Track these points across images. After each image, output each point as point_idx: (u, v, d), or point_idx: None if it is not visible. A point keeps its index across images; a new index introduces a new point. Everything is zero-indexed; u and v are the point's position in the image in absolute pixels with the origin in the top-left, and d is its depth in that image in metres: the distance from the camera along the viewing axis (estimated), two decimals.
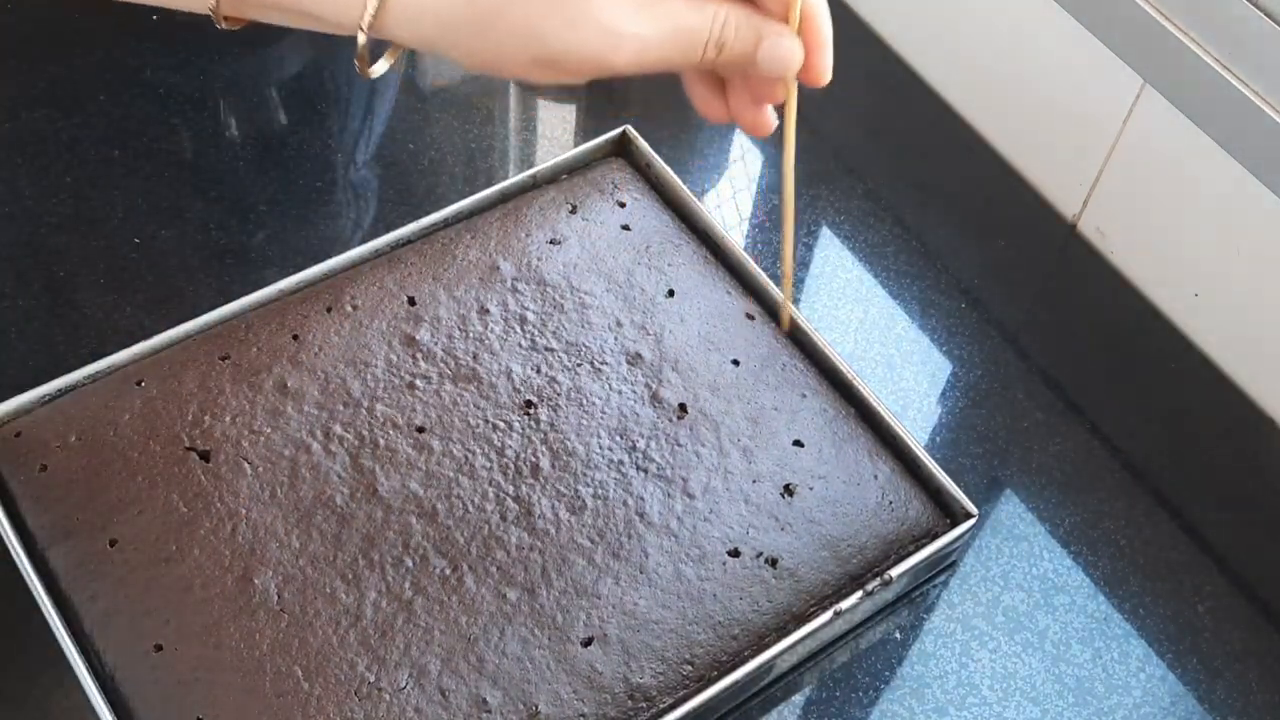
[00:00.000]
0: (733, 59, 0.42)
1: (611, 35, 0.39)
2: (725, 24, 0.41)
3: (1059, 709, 0.55)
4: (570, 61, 0.40)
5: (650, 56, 0.41)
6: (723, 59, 0.42)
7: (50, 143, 0.70)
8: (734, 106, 0.46)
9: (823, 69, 0.44)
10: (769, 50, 0.42)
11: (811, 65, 0.44)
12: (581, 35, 0.39)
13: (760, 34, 0.42)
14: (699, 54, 0.42)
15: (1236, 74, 0.60)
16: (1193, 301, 0.68)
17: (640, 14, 0.40)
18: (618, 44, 0.40)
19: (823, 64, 0.44)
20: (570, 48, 0.39)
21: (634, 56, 0.40)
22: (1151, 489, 0.63)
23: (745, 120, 0.47)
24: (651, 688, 0.51)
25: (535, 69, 0.40)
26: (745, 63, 0.43)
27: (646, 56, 0.41)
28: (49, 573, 0.53)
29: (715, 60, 0.42)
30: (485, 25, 0.39)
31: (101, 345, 0.60)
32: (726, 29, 0.41)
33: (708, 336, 0.61)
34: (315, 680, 0.50)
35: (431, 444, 0.56)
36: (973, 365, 0.67)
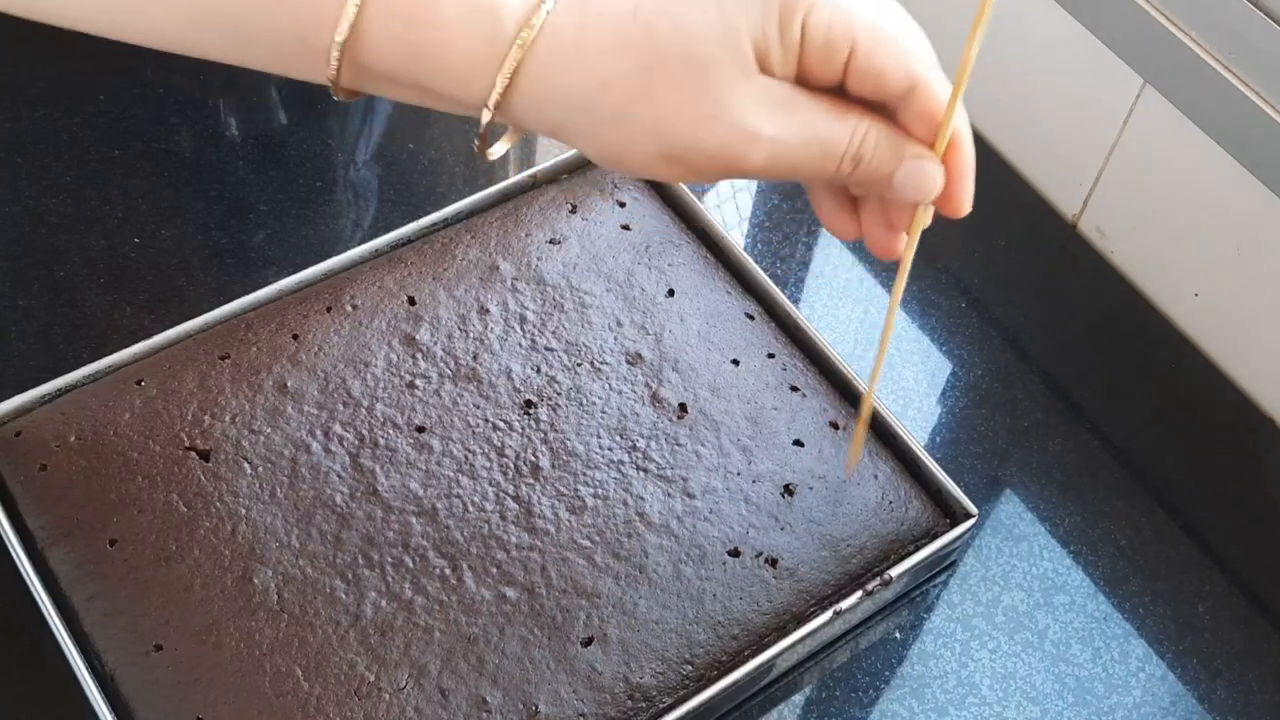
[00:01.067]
0: (869, 176, 0.40)
1: (747, 137, 0.37)
2: (866, 138, 0.39)
3: (1059, 709, 0.55)
4: (700, 160, 0.38)
5: (783, 162, 0.39)
6: (858, 175, 0.40)
7: (50, 143, 0.70)
8: (866, 226, 0.44)
9: (963, 199, 0.42)
10: (908, 173, 0.40)
11: (951, 194, 0.41)
12: (715, 134, 0.37)
13: (901, 154, 0.40)
14: (834, 166, 0.39)
15: (1236, 74, 0.60)
16: (1193, 301, 0.68)
17: (778, 116, 0.38)
18: (752, 146, 0.38)
19: (964, 194, 0.42)
20: (703, 146, 0.38)
21: (766, 160, 0.38)
22: (1151, 489, 0.63)
23: (875, 243, 0.44)
24: (651, 688, 0.51)
25: (663, 165, 0.38)
26: (881, 182, 0.40)
27: (779, 162, 0.39)
28: (49, 573, 0.53)
29: (850, 175, 0.40)
30: (616, 115, 0.37)
31: (101, 345, 0.60)
32: (866, 143, 0.39)
33: (707, 336, 0.61)
34: (315, 680, 0.50)
35: (431, 444, 0.56)
36: (973, 365, 0.67)
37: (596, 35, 0.37)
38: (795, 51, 0.38)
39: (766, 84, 0.38)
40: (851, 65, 0.38)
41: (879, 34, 0.38)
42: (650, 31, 0.37)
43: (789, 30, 0.37)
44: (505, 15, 0.37)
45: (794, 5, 0.37)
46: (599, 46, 0.37)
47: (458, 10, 0.37)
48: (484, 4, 0.37)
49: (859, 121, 0.39)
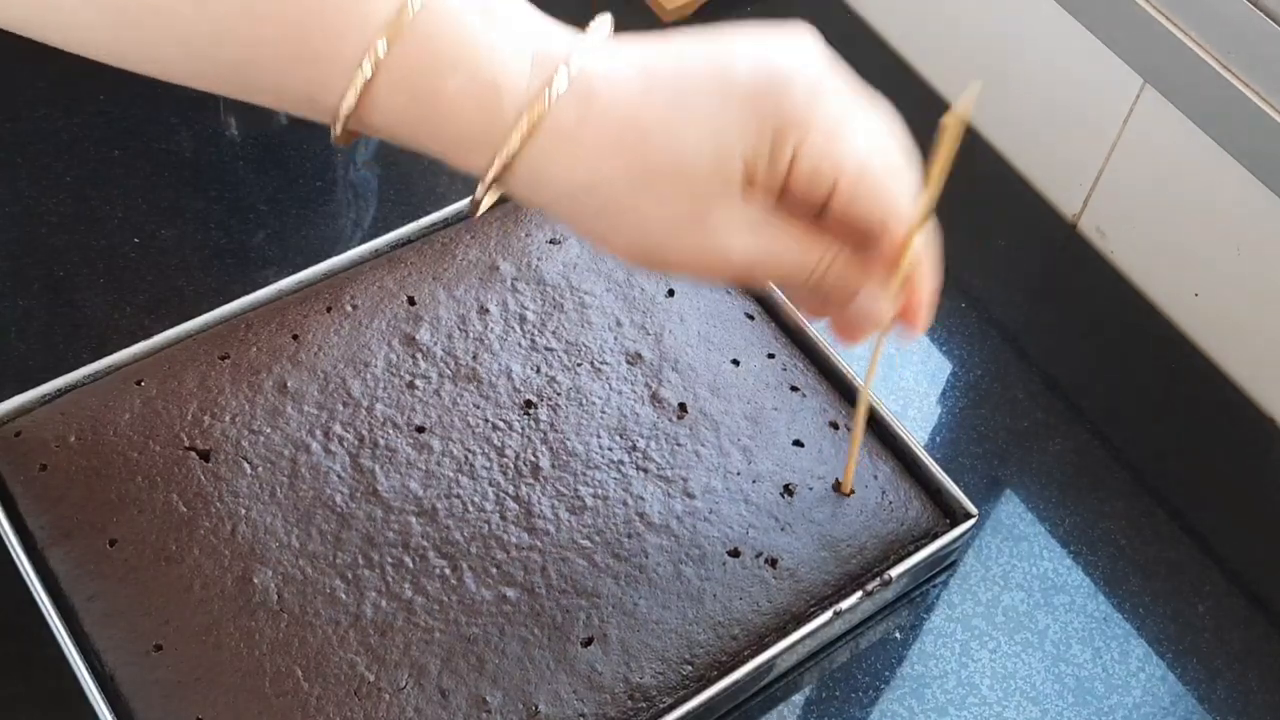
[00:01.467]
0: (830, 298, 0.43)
1: (719, 254, 0.40)
2: (830, 269, 0.41)
3: (1059, 709, 0.55)
4: (673, 263, 0.40)
5: (748, 277, 0.41)
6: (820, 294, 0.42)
7: (50, 143, 0.70)
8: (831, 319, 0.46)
9: (920, 325, 0.45)
10: (858, 307, 0.43)
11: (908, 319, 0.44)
12: (691, 244, 0.39)
13: (858, 285, 0.42)
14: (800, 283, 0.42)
15: (1236, 74, 0.60)
16: (1193, 301, 0.68)
17: (749, 238, 0.40)
18: (724, 259, 0.40)
19: (921, 321, 0.45)
20: (678, 253, 0.40)
21: (736, 275, 0.41)
22: (1151, 489, 0.63)
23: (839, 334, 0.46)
24: (651, 688, 0.51)
25: (639, 260, 0.41)
26: (841, 305, 0.43)
27: (748, 276, 0.41)
28: (49, 573, 0.53)
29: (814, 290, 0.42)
30: (600, 210, 0.39)
31: (101, 345, 0.60)
32: (829, 275, 0.41)
33: (707, 336, 0.61)
34: (315, 680, 0.50)
35: (431, 444, 0.56)
36: (973, 365, 0.67)
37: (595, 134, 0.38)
38: (782, 174, 0.39)
39: (746, 211, 0.40)
40: (834, 198, 0.40)
41: (864, 176, 0.40)
42: (646, 142, 0.38)
43: (780, 155, 0.39)
44: (508, 102, 0.38)
45: (787, 132, 0.38)
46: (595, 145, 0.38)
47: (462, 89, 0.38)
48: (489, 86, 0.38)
49: (824, 253, 0.41)
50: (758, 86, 0.38)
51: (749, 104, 0.38)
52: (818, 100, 0.39)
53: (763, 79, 0.38)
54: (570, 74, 0.37)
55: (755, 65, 0.39)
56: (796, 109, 0.38)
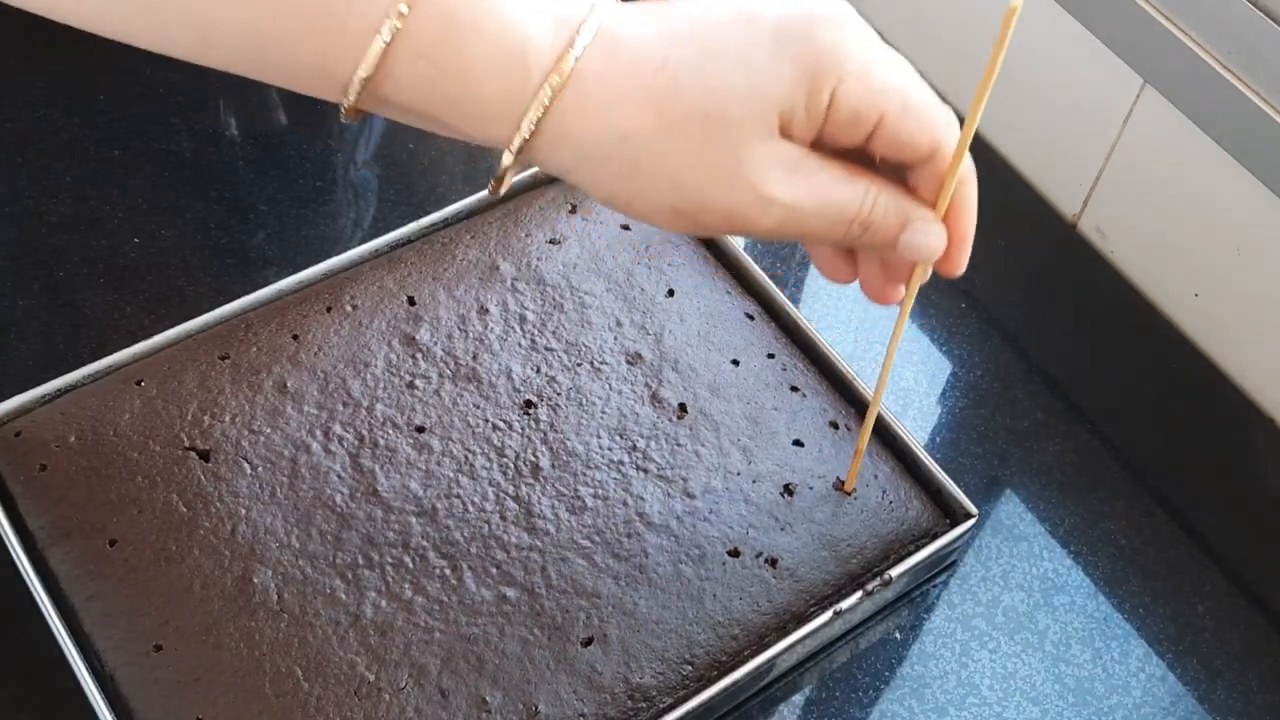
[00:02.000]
0: (876, 239, 0.41)
1: (760, 200, 0.38)
2: (876, 204, 0.40)
3: (1059, 709, 0.55)
4: (712, 218, 0.39)
5: (794, 225, 0.39)
6: (866, 238, 0.41)
7: (50, 143, 0.70)
8: (863, 275, 0.45)
9: (960, 262, 0.43)
10: (912, 236, 0.41)
11: (950, 257, 0.43)
12: (729, 195, 0.38)
13: (907, 217, 0.41)
14: (844, 230, 0.40)
15: (1236, 74, 0.60)
16: (1193, 301, 0.68)
17: (792, 179, 0.38)
18: (764, 210, 0.38)
19: (961, 258, 0.43)
20: (715, 205, 0.38)
21: (778, 223, 0.39)
22: (1151, 489, 0.63)
23: (872, 292, 0.45)
24: (651, 688, 0.51)
25: (673, 219, 0.39)
26: (887, 244, 0.41)
27: (790, 225, 0.39)
28: (49, 573, 0.53)
29: (858, 239, 0.41)
30: (631, 166, 0.38)
31: (101, 345, 0.60)
32: (876, 209, 0.40)
33: (707, 336, 0.61)
34: (315, 680, 0.50)
35: (431, 444, 0.56)
36: (973, 365, 0.67)
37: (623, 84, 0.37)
38: (820, 120, 0.38)
39: (785, 148, 0.38)
40: (879, 133, 0.39)
41: (908, 105, 0.39)
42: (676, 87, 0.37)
43: (817, 100, 0.38)
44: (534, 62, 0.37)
45: (824, 77, 0.37)
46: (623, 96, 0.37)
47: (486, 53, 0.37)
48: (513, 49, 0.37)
49: (869, 187, 0.40)
50: (786, 29, 0.37)
51: (779, 47, 0.37)
52: (846, 41, 0.38)
53: (790, 22, 0.38)
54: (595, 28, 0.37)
55: (782, 9, 0.38)
56: (827, 50, 0.37)
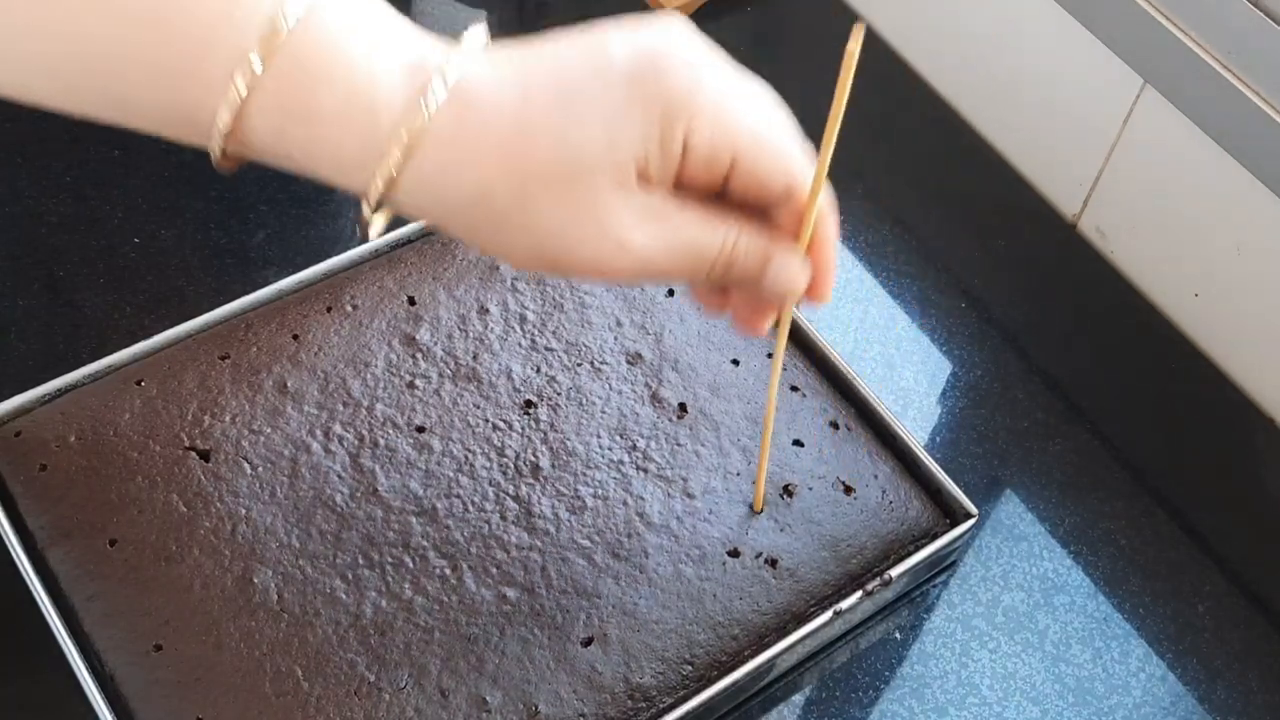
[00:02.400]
0: (740, 278, 0.41)
1: (618, 248, 0.38)
2: (736, 245, 0.40)
3: (1059, 709, 0.55)
4: (574, 267, 0.39)
5: (655, 270, 0.40)
6: (731, 277, 0.41)
7: (50, 143, 0.70)
8: (734, 309, 0.45)
9: (825, 291, 0.44)
10: (775, 274, 0.42)
11: (815, 287, 0.43)
12: (588, 245, 0.38)
13: (769, 255, 0.41)
14: (705, 270, 0.41)
15: (1236, 74, 0.60)
16: (1193, 301, 0.68)
17: (649, 227, 0.39)
18: (624, 257, 0.38)
19: (826, 287, 0.44)
20: (576, 255, 0.38)
21: (637, 269, 0.39)
22: (1151, 489, 0.63)
23: (742, 325, 0.46)
24: (651, 688, 0.51)
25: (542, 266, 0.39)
26: (752, 282, 0.42)
27: (651, 270, 0.40)
28: (49, 573, 0.53)
29: (723, 277, 0.41)
30: (493, 220, 0.38)
31: (101, 345, 0.60)
32: (737, 249, 0.40)
33: (707, 336, 0.61)
34: (315, 680, 0.50)
35: (431, 443, 0.56)
36: (973, 365, 0.67)
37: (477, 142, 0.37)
38: (675, 163, 0.39)
39: (642, 198, 0.38)
40: (734, 173, 0.39)
41: (761, 146, 0.39)
42: (532, 143, 0.37)
43: (670, 145, 0.38)
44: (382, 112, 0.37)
45: (675, 121, 0.38)
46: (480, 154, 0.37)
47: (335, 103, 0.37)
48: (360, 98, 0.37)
49: (729, 229, 0.40)
50: (636, 72, 0.37)
51: (630, 91, 0.37)
52: (698, 78, 0.38)
53: (640, 63, 0.38)
54: (446, 83, 0.37)
55: (630, 52, 0.38)
56: (678, 89, 0.38)
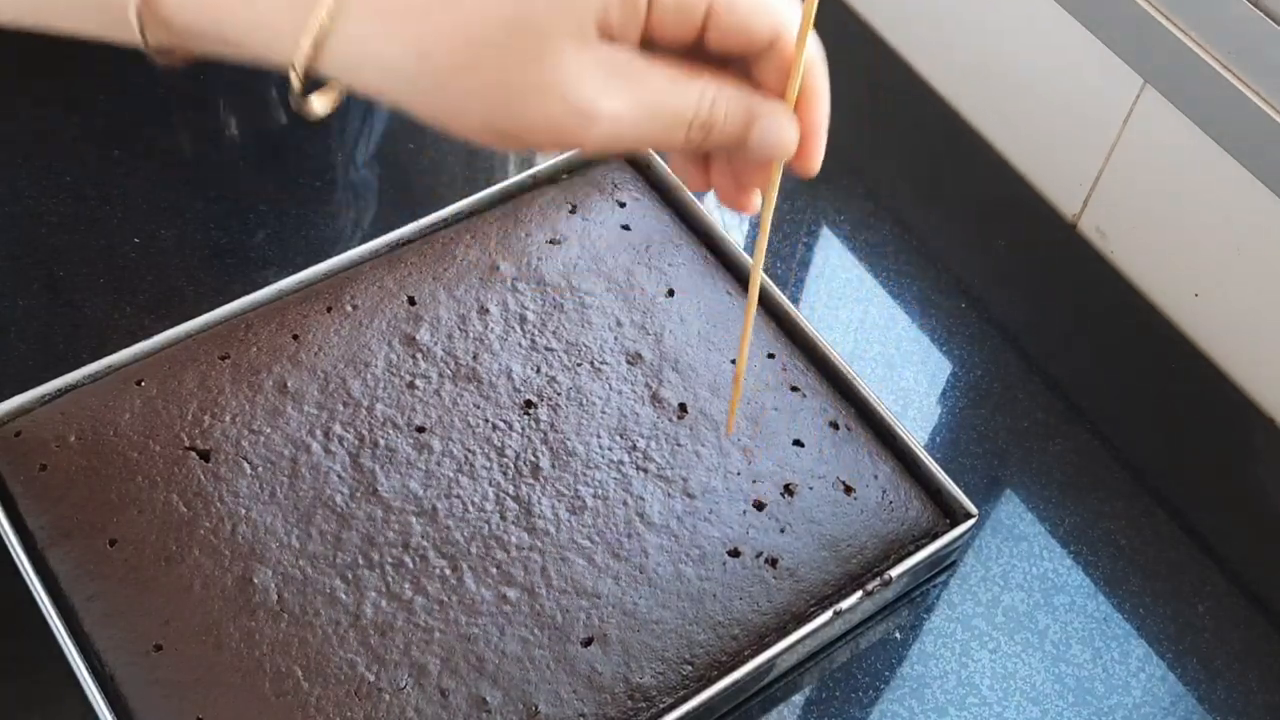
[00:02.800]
0: (722, 141, 0.37)
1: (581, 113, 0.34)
2: (714, 103, 0.36)
3: (1059, 709, 0.55)
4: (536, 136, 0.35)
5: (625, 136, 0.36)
6: (711, 141, 0.37)
7: (50, 143, 0.70)
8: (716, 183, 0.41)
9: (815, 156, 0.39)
10: (761, 134, 0.37)
11: (804, 151, 0.39)
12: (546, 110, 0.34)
13: (753, 114, 0.37)
14: (683, 134, 0.36)
15: (1236, 74, 0.60)
16: (1193, 301, 0.68)
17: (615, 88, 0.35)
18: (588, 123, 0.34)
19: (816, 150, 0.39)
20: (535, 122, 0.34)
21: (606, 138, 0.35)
22: (1151, 489, 0.63)
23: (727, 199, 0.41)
24: (651, 688, 0.51)
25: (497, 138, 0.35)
26: (735, 145, 0.38)
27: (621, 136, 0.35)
28: (49, 573, 0.53)
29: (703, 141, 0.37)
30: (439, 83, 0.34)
31: (101, 345, 0.60)
32: (715, 109, 0.36)
33: (708, 336, 0.61)
34: (315, 680, 0.50)
35: (431, 444, 0.56)
36: (973, 365, 0.67)
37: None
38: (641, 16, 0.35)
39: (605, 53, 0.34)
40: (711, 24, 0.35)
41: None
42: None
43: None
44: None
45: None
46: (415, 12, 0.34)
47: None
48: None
49: (706, 86, 0.36)
50: None
51: None
52: None
53: None
54: None
55: None
56: None
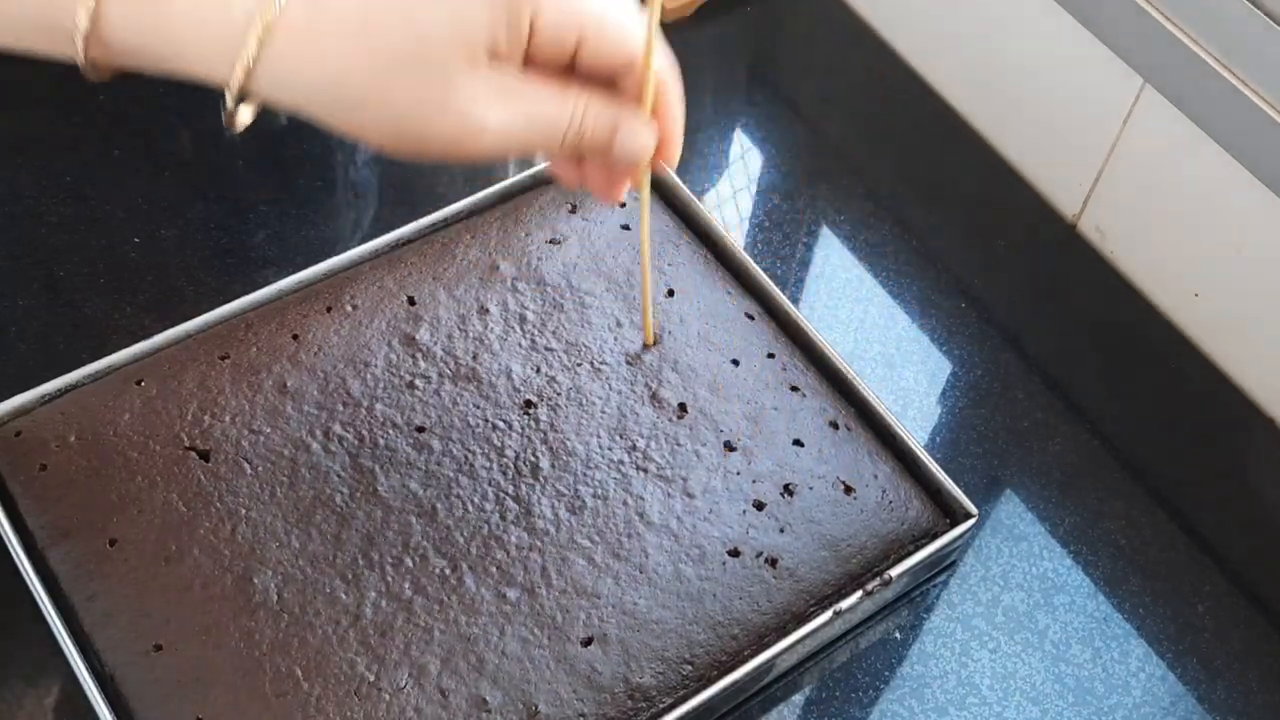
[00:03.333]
0: (593, 146, 0.44)
1: (473, 126, 0.40)
2: (585, 114, 0.43)
3: (1059, 709, 0.55)
4: (432, 146, 0.41)
5: (511, 145, 0.42)
6: (584, 146, 0.44)
7: (50, 143, 0.70)
8: (588, 178, 0.48)
9: (673, 153, 0.47)
10: (623, 140, 0.44)
11: (663, 149, 0.46)
12: (443, 123, 0.40)
13: (616, 122, 0.44)
14: (558, 142, 0.43)
15: (1236, 74, 0.60)
16: (1193, 301, 0.68)
17: (501, 103, 0.41)
18: (478, 134, 0.41)
19: (674, 149, 0.47)
20: (435, 135, 0.40)
21: (494, 145, 0.41)
22: (1151, 489, 0.63)
23: (598, 193, 0.49)
24: (651, 688, 0.51)
25: (401, 148, 0.41)
26: (604, 149, 0.44)
27: (507, 145, 0.42)
28: (49, 573, 0.53)
29: (577, 147, 0.44)
30: (354, 104, 0.40)
31: (101, 345, 0.60)
32: (587, 119, 0.43)
33: (707, 336, 0.61)
34: (315, 680, 0.50)
35: (431, 444, 0.56)
36: (973, 365, 0.67)
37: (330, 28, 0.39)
38: (524, 42, 0.41)
39: (492, 75, 0.40)
40: (581, 50, 0.42)
41: (605, 23, 0.42)
42: (383, 27, 0.39)
43: (517, 27, 0.40)
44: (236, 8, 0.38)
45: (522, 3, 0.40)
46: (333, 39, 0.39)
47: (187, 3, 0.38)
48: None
49: (578, 98, 0.43)
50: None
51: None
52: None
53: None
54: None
55: None
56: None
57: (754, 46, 0.80)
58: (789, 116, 0.77)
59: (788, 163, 0.75)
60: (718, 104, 0.77)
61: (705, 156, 0.74)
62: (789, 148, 0.76)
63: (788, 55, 0.80)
